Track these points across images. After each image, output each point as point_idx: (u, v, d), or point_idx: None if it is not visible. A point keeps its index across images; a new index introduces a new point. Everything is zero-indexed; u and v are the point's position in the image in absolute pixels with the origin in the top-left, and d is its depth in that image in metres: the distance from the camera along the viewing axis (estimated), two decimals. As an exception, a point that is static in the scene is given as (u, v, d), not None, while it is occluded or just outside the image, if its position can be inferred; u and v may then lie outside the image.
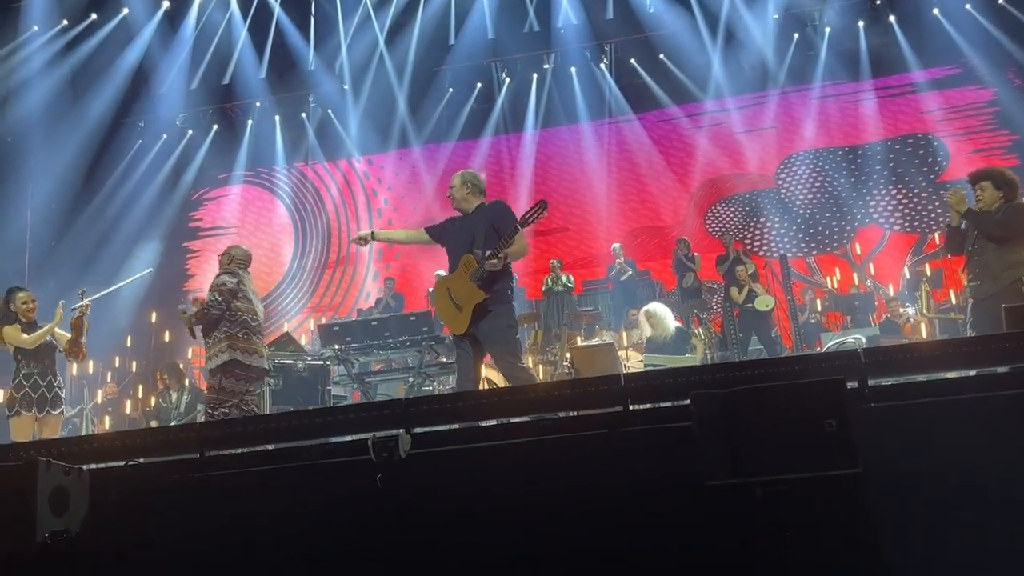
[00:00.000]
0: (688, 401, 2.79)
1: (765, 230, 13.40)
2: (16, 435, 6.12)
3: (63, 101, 13.06)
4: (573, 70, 14.00)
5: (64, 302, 6.44)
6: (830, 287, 12.21)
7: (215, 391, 5.91)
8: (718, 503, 2.74)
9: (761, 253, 13.06)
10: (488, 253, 4.78)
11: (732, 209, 13.69)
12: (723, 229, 13.36)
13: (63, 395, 6.49)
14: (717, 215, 13.74)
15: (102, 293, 6.99)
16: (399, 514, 2.96)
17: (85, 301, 6.38)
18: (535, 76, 14.21)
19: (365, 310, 12.47)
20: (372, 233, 5.52)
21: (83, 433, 9.20)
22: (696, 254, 11.45)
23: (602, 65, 13.96)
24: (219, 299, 6.01)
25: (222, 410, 5.82)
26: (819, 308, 11.28)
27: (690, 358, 7.66)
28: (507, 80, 14.25)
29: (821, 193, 13.40)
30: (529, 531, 2.89)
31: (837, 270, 12.57)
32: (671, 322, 8.29)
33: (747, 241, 13.17)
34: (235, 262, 6.37)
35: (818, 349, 9.46)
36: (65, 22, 12.78)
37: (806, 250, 13.16)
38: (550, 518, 2.89)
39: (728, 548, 2.76)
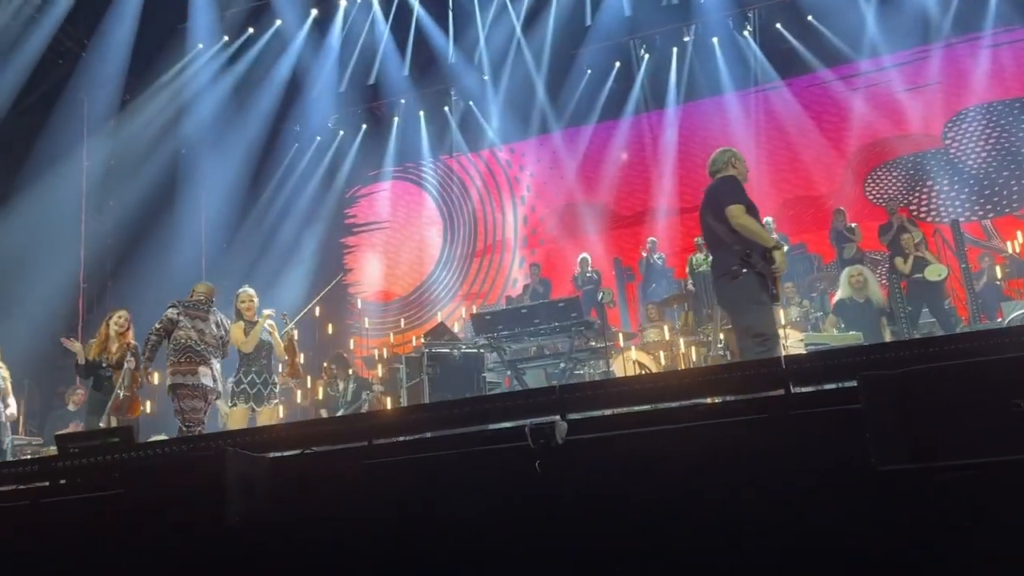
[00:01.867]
0: (855, 382, 2.65)
1: (933, 194, 12.49)
2: (232, 424, 6.80)
3: (228, 112, 14.02)
4: (715, 40, 13.57)
5: (272, 313, 7.14)
6: (1011, 251, 11.21)
7: (178, 412, 6.57)
8: (893, 490, 2.59)
9: (929, 219, 12.20)
10: None
11: (894, 174, 12.83)
12: (885, 196, 12.56)
13: (277, 390, 7.10)
14: (878, 181, 12.92)
15: (301, 313, 7.52)
16: (558, 500, 2.99)
17: (291, 325, 6.98)
18: (675, 50, 13.88)
19: (515, 298, 12.66)
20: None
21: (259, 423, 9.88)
22: (855, 224, 10.84)
23: (746, 32, 13.44)
24: (157, 327, 6.69)
25: (196, 429, 6.40)
26: (999, 275, 10.41)
27: (854, 335, 7.27)
28: (646, 56, 13.99)
29: (996, 150, 12.31)
30: (687, 519, 2.85)
31: (1019, 233, 11.51)
32: (876, 288, 8.21)
33: (912, 207, 12.33)
34: (195, 295, 6.97)
35: (999, 320, 8.74)
36: (226, 38, 13.70)
37: (981, 213, 12.15)
38: (708, 506, 2.83)
39: (904, 537, 2.61)
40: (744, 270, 5.06)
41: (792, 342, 7.50)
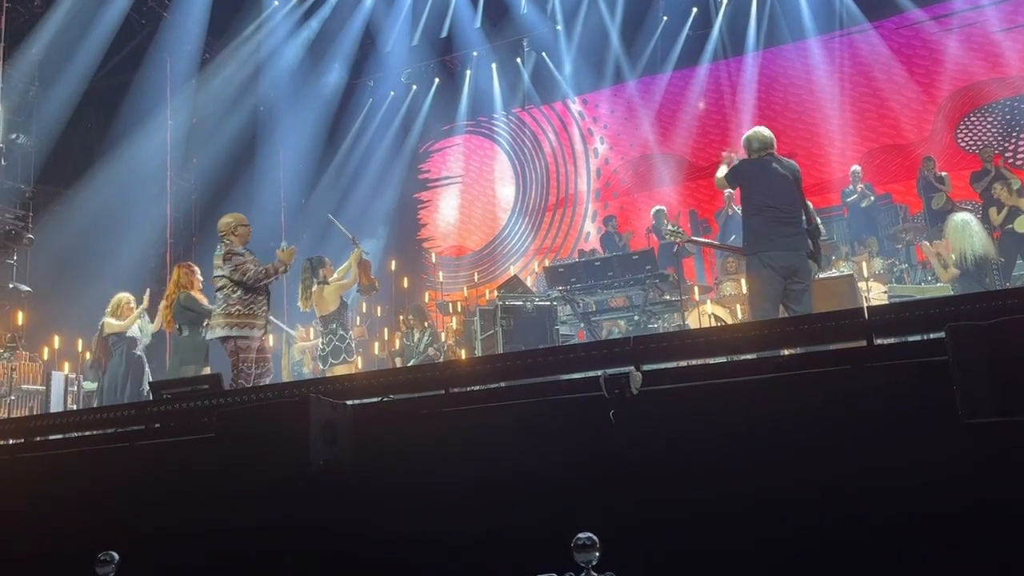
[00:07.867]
0: (942, 334, 2.57)
1: (1031, 140, 11.82)
2: None
3: (303, 69, 14.21)
4: (798, -19, 13.02)
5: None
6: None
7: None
8: (981, 443, 2.52)
9: (1026, 167, 11.57)
10: None
11: (990, 119, 12.16)
12: (980, 143, 11.93)
13: (343, 348, 7.45)
14: (971, 127, 12.27)
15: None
16: (633, 449, 3.00)
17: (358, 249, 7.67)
18: (756, -7, 13.38)
19: (588, 251, 12.60)
20: None
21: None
22: (945, 173, 10.36)
23: (831, -28, 12.84)
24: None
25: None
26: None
27: (942, 287, 7.00)
28: (724, 1, 13.52)
29: (1102, 91, 11.54)
30: (766, 472, 2.82)
31: (1125, 181, 10.83)
32: (969, 241, 7.21)
33: (1008, 154, 11.68)
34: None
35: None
36: (300, -6, 13.83)
37: (1084, 160, 11.46)
38: (788, 459, 2.80)
39: (993, 490, 2.54)
40: None
41: (875, 294, 7.27)
